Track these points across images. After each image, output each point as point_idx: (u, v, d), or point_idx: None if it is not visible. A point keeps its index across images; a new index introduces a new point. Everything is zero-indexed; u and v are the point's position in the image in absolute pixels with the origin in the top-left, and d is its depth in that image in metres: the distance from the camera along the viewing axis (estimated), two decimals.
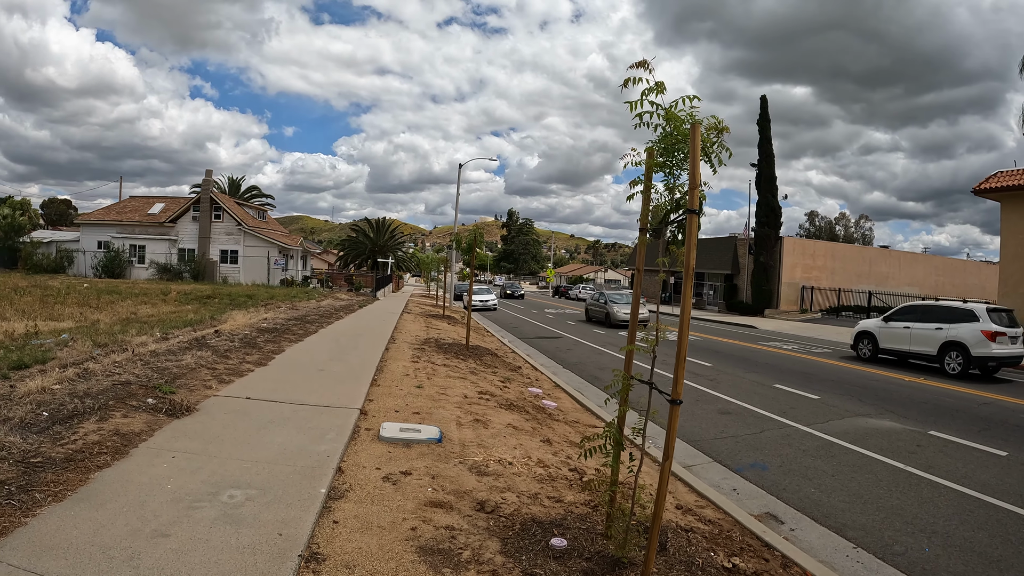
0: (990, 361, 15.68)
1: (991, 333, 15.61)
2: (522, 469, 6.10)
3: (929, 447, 8.60)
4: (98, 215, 45.99)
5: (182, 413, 6.53)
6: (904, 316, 18.25)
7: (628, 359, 4.26)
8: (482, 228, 27.75)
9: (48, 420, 5.62)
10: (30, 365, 8.00)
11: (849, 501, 6.54)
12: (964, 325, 16.11)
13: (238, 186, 68.44)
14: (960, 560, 5.23)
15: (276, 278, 42.97)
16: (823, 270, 45.03)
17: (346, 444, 6.09)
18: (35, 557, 3.39)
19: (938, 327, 16.80)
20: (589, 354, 18.15)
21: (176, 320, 15.18)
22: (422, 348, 14.25)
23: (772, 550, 5.09)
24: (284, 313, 19.25)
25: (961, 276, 56.42)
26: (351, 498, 4.81)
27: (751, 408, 10.83)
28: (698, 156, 3.34)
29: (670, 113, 3.71)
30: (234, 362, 9.81)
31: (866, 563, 5.19)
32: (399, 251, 66.25)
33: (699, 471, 7.40)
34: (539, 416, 8.94)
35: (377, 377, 9.94)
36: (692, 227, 3.32)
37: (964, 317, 16.29)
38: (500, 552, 4.14)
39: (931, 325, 17.02)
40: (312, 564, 3.70)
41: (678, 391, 3.37)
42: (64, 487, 4.32)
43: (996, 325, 15.77)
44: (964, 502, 6.55)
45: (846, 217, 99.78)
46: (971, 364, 15.72)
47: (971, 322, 15.99)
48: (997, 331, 15.63)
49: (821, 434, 9.16)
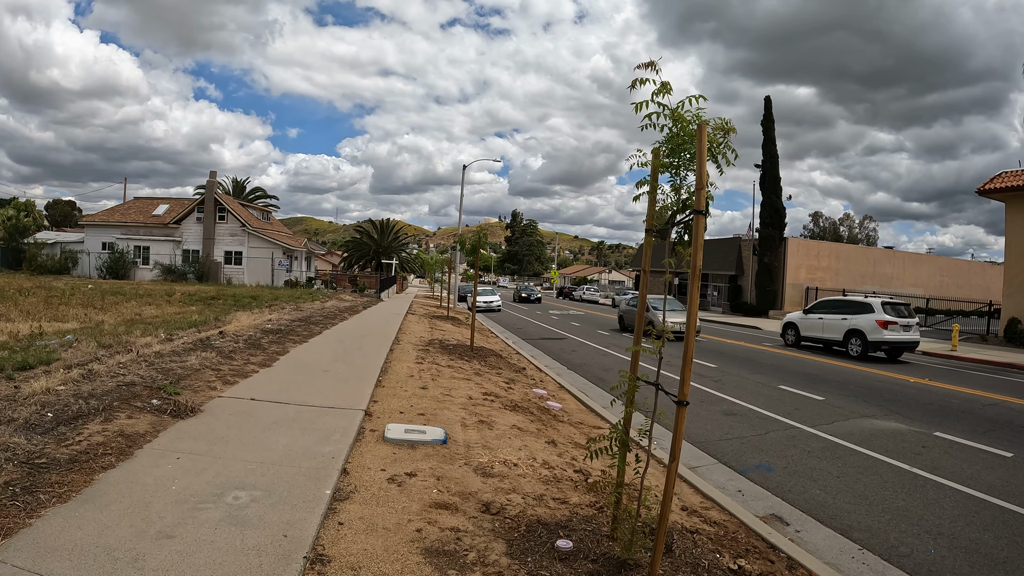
0: (883, 345, 18.82)
1: (884, 322, 18.77)
2: (527, 470, 6.09)
3: (935, 448, 8.57)
4: (102, 216, 46.11)
5: (187, 414, 6.54)
6: (819, 309, 21.69)
7: (634, 360, 4.24)
8: (486, 229, 27.76)
9: (53, 421, 5.62)
10: (35, 366, 8.00)
11: (855, 502, 6.51)
12: (863, 316, 19.40)
13: (243, 187, 68.54)
14: (966, 561, 5.19)
15: (280, 279, 43.03)
16: (827, 271, 44.97)
17: (351, 445, 6.09)
18: (39, 558, 3.39)
19: (844, 317, 20.11)
20: (594, 355, 18.13)
21: (180, 321, 15.20)
22: (426, 349, 14.25)
23: (778, 552, 5.07)
24: (288, 314, 19.27)
25: (965, 277, 56.27)
26: (356, 499, 4.81)
27: (756, 409, 10.80)
28: (705, 156, 3.33)
29: (676, 114, 3.70)
30: (239, 363, 9.81)
31: (872, 564, 5.16)
32: (403, 252, 66.16)
33: (704, 472, 7.37)
34: (544, 417, 8.93)
35: (382, 378, 9.94)
36: (699, 228, 3.31)
37: (863, 309, 19.54)
38: (505, 554, 4.13)
39: (839, 316, 20.36)
40: (317, 565, 3.69)
41: (685, 392, 3.36)
42: (69, 488, 4.31)
43: (888, 316, 18.92)
44: (970, 503, 6.50)
45: (850, 218, 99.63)
46: (868, 348, 18.95)
47: (868, 313, 19.25)
48: (889, 320, 18.80)
49: (826, 435, 9.12)
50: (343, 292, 39.94)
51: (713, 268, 47.53)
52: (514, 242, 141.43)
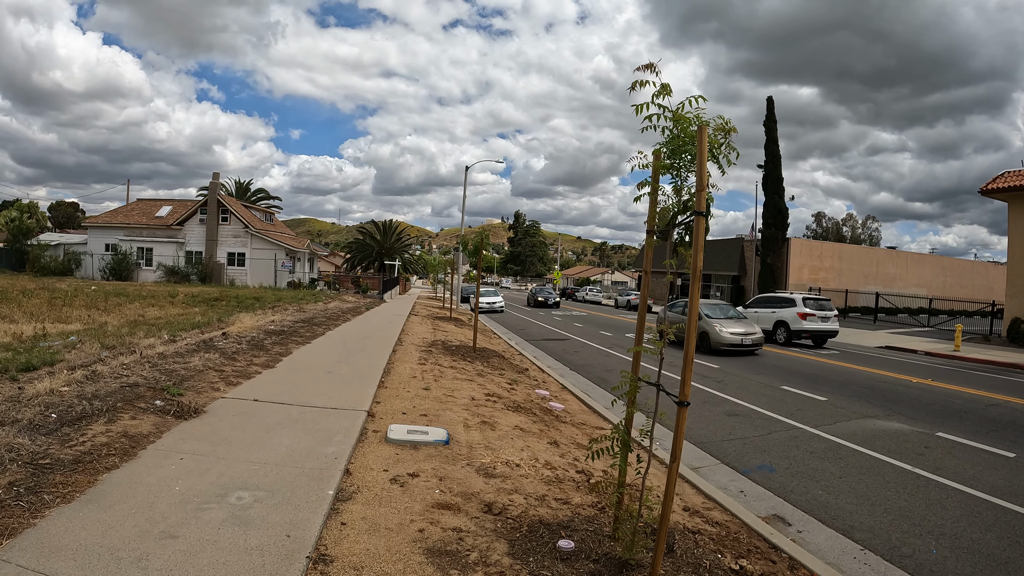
0: (803, 334, 22.21)
1: (804, 314, 22.17)
2: (529, 471, 6.10)
3: (937, 448, 8.56)
4: (105, 218, 46.23)
5: (190, 415, 6.56)
6: (756, 304, 25.03)
7: (636, 361, 4.26)
8: (488, 230, 27.61)
9: (56, 422, 5.64)
10: (38, 367, 8.03)
11: (857, 503, 6.50)
12: (788, 309, 22.86)
13: (246, 189, 68.65)
14: (968, 562, 5.19)
15: (283, 280, 43.10)
16: (830, 271, 44.93)
17: (354, 446, 6.10)
18: (43, 558, 3.41)
19: (773, 311, 23.60)
20: (596, 356, 18.13)
21: (184, 322, 15.24)
22: (429, 350, 14.27)
23: (779, 552, 5.07)
24: (291, 315, 19.31)
25: (969, 277, 56.17)
26: (359, 500, 4.83)
27: (758, 410, 10.80)
28: (705, 157, 3.34)
29: (677, 115, 3.71)
30: (242, 364, 9.84)
31: (874, 565, 5.16)
32: (406, 253, 66.30)
33: (706, 473, 7.37)
34: (546, 418, 8.93)
35: (384, 379, 9.96)
36: (699, 229, 3.32)
37: (788, 304, 23.11)
38: (507, 554, 4.14)
39: (769, 309, 23.85)
40: (320, 565, 3.71)
41: (686, 393, 3.37)
42: (72, 488, 4.33)
43: (808, 309, 22.30)
44: (972, 504, 6.49)
45: (853, 218, 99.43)
46: (792, 336, 22.45)
47: (791, 307, 22.71)
48: (808, 312, 22.17)
49: (829, 436, 9.11)
50: (346, 293, 40.02)
51: (716, 268, 47.52)
52: (517, 243, 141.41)
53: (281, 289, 38.43)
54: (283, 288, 39.79)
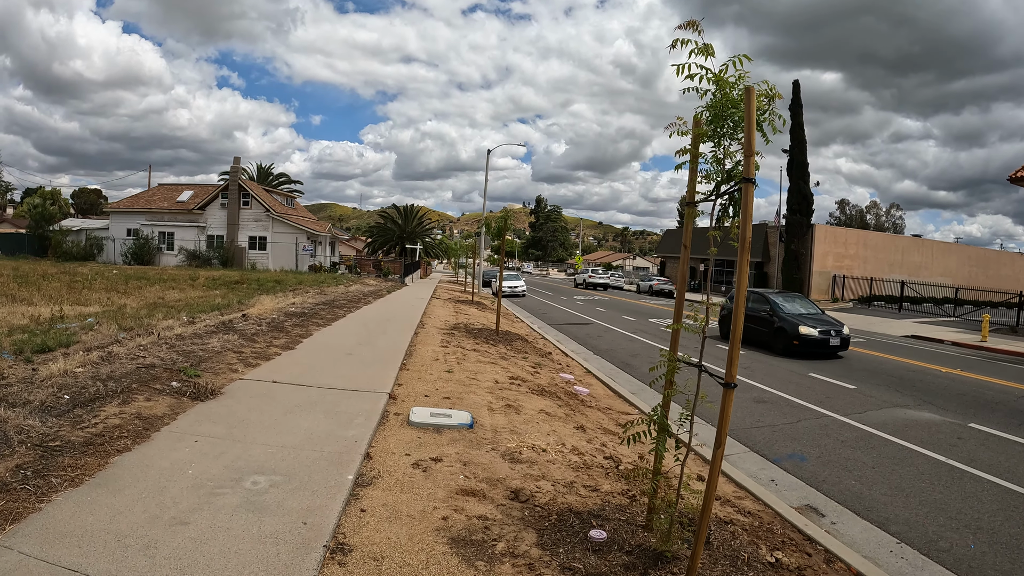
0: None
1: None
2: (556, 456, 5.91)
3: (970, 440, 8.29)
4: (127, 203, 46.40)
5: (207, 396, 6.43)
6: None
7: (674, 339, 4.02)
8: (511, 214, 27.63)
9: (69, 403, 5.52)
10: (54, 348, 7.92)
11: (891, 494, 6.29)
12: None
13: (267, 173, 68.76)
14: (1007, 558, 4.98)
15: (304, 264, 43.14)
16: (855, 259, 44.21)
17: (374, 429, 5.94)
18: (47, 545, 3.26)
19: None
20: (620, 341, 17.89)
21: (203, 305, 15.16)
22: (451, 333, 14.10)
23: (815, 544, 4.88)
24: (312, 298, 19.22)
25: (995, 267, 55.21)
26: (379, 485, 4.66)
27: (787, 397, 10.54)
28: (754, 120, 3.09)
29: (719, 77, 3.46)
30: (261, 346, 9.71)
31: (911, 559, 4.97)
32: (427, 238, 66.07)
33: (736, 461, 7.16)
34: (571, 402, 8.74)
35: (406, 361, 9.80)
36: (748, 197, 3.08)
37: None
38: (536, 544, 3.95)
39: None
40: (338, 555, 3.54)
41: (732, 374, 3.13)
42: (82, 472, 4.20)
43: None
44: (1009, 498, 6.27)
45: (877, 206, 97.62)
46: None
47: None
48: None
49: (860, 424, 8.86)
50: (367, 277, 39.98)
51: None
52: (538, 228, 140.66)
53: (302, 273, 38.45)
54: (304, 272, 39.81)
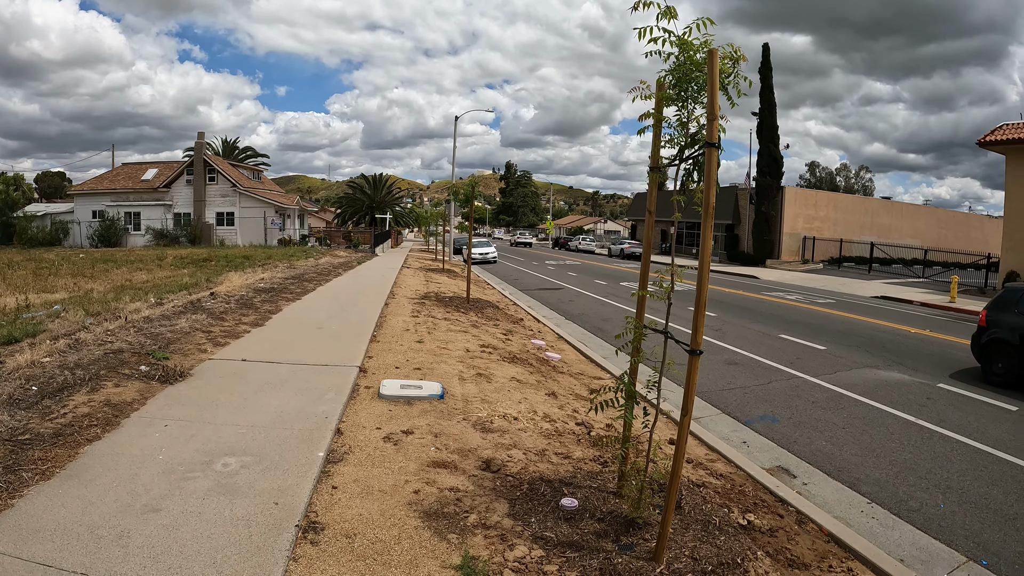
0: None
1: None
2: (528, 424, 5.93)
3: (939, 400, 8.45)
4: (91, 184, 45.38)
5: (176, 379, 6.34)
6: None
7: (640, 305, 4.02)
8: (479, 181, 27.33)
9: (37, 395, 5.42)
10: (20, 339, 7.76)
11: (862, 455, 6.41)
12: None
13: (233, 148, 67.51)
14: (976, 517, 5.10)
15: (273, 238, 42.63)
16: (825, 221, 44.58)
17: (345, 404, 5.92)
18: (20, 541, 3.22)
19: None
20: (592, 305, 17.94)
21: (171, 285, 14.95)
22: (422, 302, 14.05)
23: (786, 505, 4.96)
24: (281, 272, 19.03)
25: (964, 229, 55.98)
26: (351, 461, 4.64)
27: (758, 359, 10.67)
28: (717, 85, 3.06)
29: (682, 40, 3.42)
30: (230, 324, 9.60)
31: (882, 519, 5.07)
32: (397, 207, 65.48)
33: (708, 423, 7.25)
34: (543, 369, 8.77)
35: (377, 333, 9.76)
36: (711, 161, 3.07)
37: None
38: (508, 515, 3.97)
39: None
40: (310, 534, 3.53)
41: (698, 341, 3.15)
42: (52, 464, 4.13)
43: None
44: (977, 457, 6.41)
45: (847, 168, 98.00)
46: None
47: None
48: None
49: (830, 385, 9.00)
50: (337, 249, 39.64)
51: None
52: (508, 193, 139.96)
53: (271, 247, 38.00)
54: (273, 246, 39.35)
